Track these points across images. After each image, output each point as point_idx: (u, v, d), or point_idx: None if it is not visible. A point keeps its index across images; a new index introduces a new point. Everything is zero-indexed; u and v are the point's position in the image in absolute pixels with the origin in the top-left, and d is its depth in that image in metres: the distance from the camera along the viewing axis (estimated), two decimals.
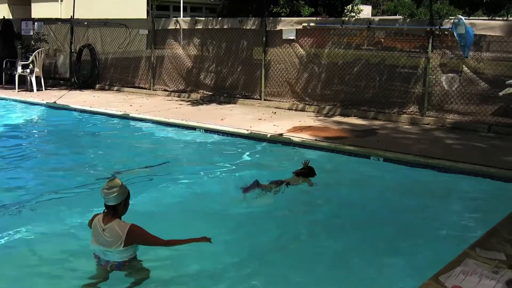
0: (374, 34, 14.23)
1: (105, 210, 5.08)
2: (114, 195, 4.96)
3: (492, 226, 6.01)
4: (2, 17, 21.03)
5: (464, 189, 8.24)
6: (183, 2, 45.99)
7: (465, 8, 36.85)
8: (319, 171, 8.31)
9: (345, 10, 51.93)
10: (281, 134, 10.76)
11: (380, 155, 9.37)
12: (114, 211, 5.03)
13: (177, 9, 43.84)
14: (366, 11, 68.66)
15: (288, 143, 10.40)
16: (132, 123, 12.88)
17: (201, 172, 8.95)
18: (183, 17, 27.90)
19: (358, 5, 66.23)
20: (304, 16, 30.29)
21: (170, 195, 7.97)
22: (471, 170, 8.55)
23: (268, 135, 10.73)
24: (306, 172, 8.22)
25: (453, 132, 11.39)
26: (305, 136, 10.59)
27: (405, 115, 12.61)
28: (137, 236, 5.01)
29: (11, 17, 25.58)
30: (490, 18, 31.18)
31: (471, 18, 23.74)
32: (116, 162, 9.81)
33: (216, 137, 11.31)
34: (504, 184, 8.12)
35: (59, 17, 19.89)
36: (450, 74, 12.33)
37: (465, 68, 11.99)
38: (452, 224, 6.87)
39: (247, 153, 10.12)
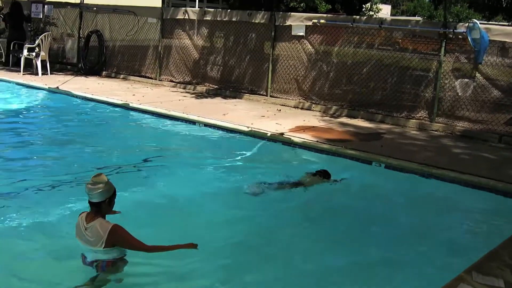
0: (392, 34, 13.77)
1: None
2: (98, 191, 4.78)
3: (493, 247, 5.62)
4: None
5: (467, 204, 7.79)
6: None
7: (485, 12, 36.26)
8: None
9: (363, 9, 51.48)
10: (282, 134, 10.37)
11: (382, 161, 8.95)
12: (98, 209, 4.85)
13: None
14: (385, 10, 68.17)
15: (289, 143, 10.01)
16: (132, 113, 12.55)
17: (193, 169, 8.64)
18: (198, 7, 27.43)
19: (378, 4, 65.77)
20: (321, 13, 29.77)
21: (158, 191, 7.67)
22: (476, 183, 8.10)
23: (268, 134, 10.34)
24: (322, 174, 8.17)
25: (462, 141, 10.94)
26: (306, 137, 10.18)
27: (414, 120, 12.16)
28: (118, 238, 4.79)
29: None
30: (510, 23, 30.52)
31: (487, 22, 23.19)
32: (107, 153, 9.52)
33: (215, 132, 10.95)
34: (510, 200, 7.65)
35: (81, 1, 19.48)
36: (464, 79, 11.85)
37: (478, 74, 11.51)
38: (449, 242, 6.41)
39: (244, 151, 9.75)
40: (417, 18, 43.23)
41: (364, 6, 51.38)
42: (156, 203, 7.18)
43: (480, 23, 11.65)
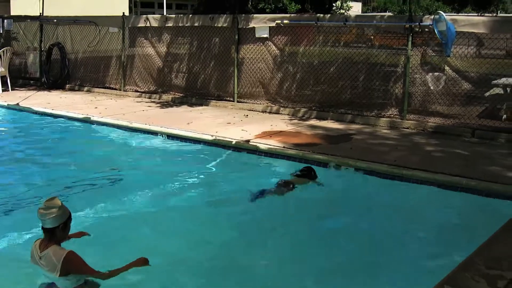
0: (364, 31, 13.43)
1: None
2: (51, 216, 4.53)
3: (468, 253, 5.24)
4: None
5: (440, 206, 7.39)
6: None
7: (454, 5, 36.27)
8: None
9: (334, 7, 51.23)
10: (247, 141, 9.94)
11: (350, 164, 8.56)
12: (51, 235, 4.60)
13: (162, 6, 42.95)
14: (356, 8, 68.05)
15: (254, 150, 9.59)
16: (93, 127, 12.07)
17: (153, 183, 8.19)
18: (166, 14, 27.02)
19: (348, 2, 65.62)
20: (291, 13, 29.40)
21: (119, 207, 7.29)
22: (449, 182, 7.73)
23: (233, 142, 9.91)
24: (306, 173, 8.05)
25: (434, 137, 10.58)
26: (273, 143, 9.76)
27: (384, 119, 11.79)
28: (73, 266, 4.55)
29: None
30: (479, 14, 30.41)
31: (456, 14, 23.02)
32: (66, 170, 9.09)
33: (178, 143, 10.52)
34: (485, 200, 7.29)
35: (40, 14, 18.98)
36: (435, 73, 11.52)
37: (447, 67, 11.18)
38: (419, 251, 6.01)
39: (209, 162, 9.33)
40: (387, 13, 43.11)
41: (334, 4, 51.18)
42: (116, 219, 6.85)
43: (448, 15, 11.33)
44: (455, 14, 24.35)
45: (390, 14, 36.59)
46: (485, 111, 11.22)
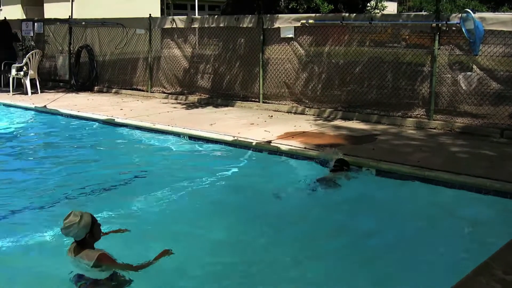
0: (399, 31, 13.17)
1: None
2: (75, 232, 4.75)
3: (485, 258, 5.01)
4: (4, 18, 20.40)
5: (463, 208, 7.15)
6: (202, 1, 45.22)
7: (490, 3, 35.58)
8: (305, 185, 7.92)
9: (368, 7, 50.78)
10: (269, 142, 9.80)
11: (372, 165, 8.35)
12: (83, 244, 4.83)
13: (194, 7, 43.02)
14: (391, 8, 67.29)
15: (275, 151, 9.44)
16: (117, 129, 12.05)
17: (175, 185, 8.09)
18: (199, 15, 27.04)
19: (383, 2, 65.00)
20: (323, 14, 29.18)
21: (139, 209, 7.22)
22: (473, 184, 7.47)
23: (254, 143, 9.77)
24: (340, 166, 8.20)
25: (461, 138, 10.30)
26: (294, 144, 9.61)
27: (411, 119, 11.54)
28: (104, 265, 4.82)
29: (24, 17, 25.21)
30: None
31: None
32: (88, 171, 9.10)
33: (199, 144, 10.43)
34: (509, 202, 7.01)
35: (73, 17, 19.20)
36: (468, 73, 11.22)
37: (474, 67, 10.87)
38: (439, 254, 5.80)
39: (229, 163, 9.18)
40: (416, 13, 42.54)
41: (368, 4, 50.70)
42: (135, 218, 6.84)
43: (478, 14, 11.04)
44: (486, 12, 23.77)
45: (419, 13, 36.07)
46: None
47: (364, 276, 5.41)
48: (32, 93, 16.98)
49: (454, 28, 11.06)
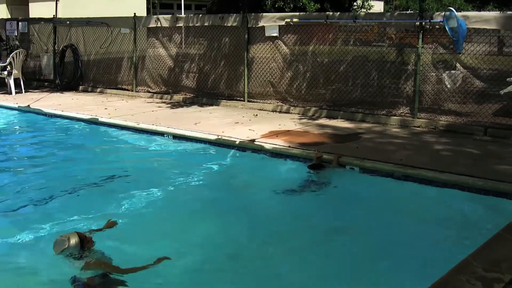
0: (385, 30, 13.19)
1: None
2: (67, 254, 5.01)
3: (466, 255, 5.01)
4: None
5: (446, 206, 7.16)
6: (188, 0, 45.08)
7: (475, 2, 35.69)
8: (288, 183, 7.96)
9: (355, 6, 50.85)
10: (252, 140, 9.77)
11: (355, 164, 8.35)
12: None
13: (181, 7, 42.92)
14: (378, 7, 67.46)
15: (258, 150, 9.41)
16: (101, 128, 11.99)
17: (159, 184, 8.08)
18: (186, 15, 26.97)
19: (369, 1, 65.13)
20: (309, 12, 29.17)
21: (123, 208, 7.17)
22: (456, 181, 7.48)
23: (237, 142, 9.74)
24: (318, 164, 8.35)
25: (445, 136, 10.33)
26: (278, 142, 9.58)
27: (395, 117, 11.55)
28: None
29: (9, 17, 25.00)
30: (502, 12, 29.84)
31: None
32: (72, 171, 9.02)
33: (184, 143, 10.38)
34: (491, 199, 7.03)
35: (57, 16, 19.09)
36: (452, 71, 11.26)
37: (458, 65, 10.91)
38: (418, 253, 5.79)
39: (212, 162, 9.17)
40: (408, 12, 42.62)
41: (355, 3, 50.78)
42: (119, 218, 6.68)
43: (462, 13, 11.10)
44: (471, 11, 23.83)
45: (403, 12, 36.07)
46: (501, 109, 10.91)
47: (344, 272, 5.41)
48: (16, 92, 16.87)
49: (437, 27, 11.11)
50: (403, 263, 5.61)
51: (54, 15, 19.02)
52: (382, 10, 68.29)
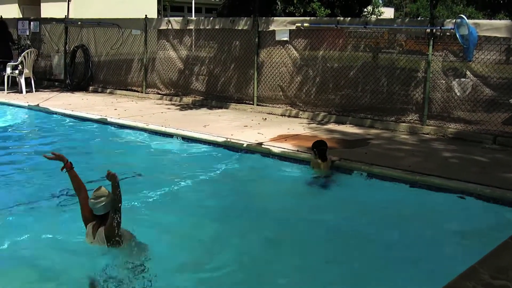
0: (395, 36, 13.23)
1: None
2: (101, 204, 5.11)
3: (473, 263, 5.00)
4: (0, 17, 20.34)
5: (453, 213, 7.16)
6: (199, 3, 45.25)
7: (486, 10, 35.61)
8: (295, 187, 8.08)
9: (365, 12, 50.90)
10: (260, 144, 9.80)
11: (364, 169, 8.36)
12: (103, 219, 5.22)
13: (191, 10, 43.08)
14: (388, 14, 67.62)
15: (267, 153, 9.43)
16: (110, 128, 12.03)
17: (166, 185, 8.07)
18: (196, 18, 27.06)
19: (380, 8, 65.20)
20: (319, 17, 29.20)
21: (131, 209, 7.09)
22: (463, 189, 7.48)
23: (245, 145, 9.77)
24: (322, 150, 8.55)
25: (454, 143, 10.33)
26: (287, 146, 9.61)
27: (404, 124, 11.56)
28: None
29: (21, 16, 25.15)
30: None
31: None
32: (80, 170, 8.93)
33: (192, 145, 10.42)
34: (499, 207, 7.03)
35: (69, 16, 19.19)
36: (462, 79, 11.25)
37: (468, 73, 10.90)
38: (428, 258, 5.79)
39: (220, 164, 9.17)
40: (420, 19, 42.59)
41: (365, 9, 50.85)
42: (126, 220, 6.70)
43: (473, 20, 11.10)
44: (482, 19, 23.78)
45: (414, 19, 36.06)
46: (511, 118, 10.88)
47: (350, 277, 5.41)
48: (26, 91, 16.95)
49: (448, 34, 11.11)
50: (409, 268, 5.61)
51: (65, 16, 19.10)
52: (392, 17, 68.39)
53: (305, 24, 12.92)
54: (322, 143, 8.67)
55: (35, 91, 17.30)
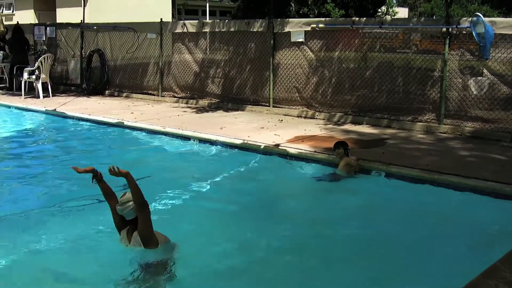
0: (410, 36, 13.22)
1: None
2: (130, 209, 5.12)
3: (494, 261, 4.99)
4: (16, 23, 20.56)
5: (472, 212, 7.13)
6: (214, 6, 45.36)
7: (502, 9, 35.40)
8: (315, 188, 8.15)
9: (379, 13, 50.74)
10: (277, 145, 9.82)
11: (381, 169, 8.36)
12: (136, 224, 5.23)
13: (206, 13, 43.20)
14: (402, 14, 67.28)
15: (284, 155, 9.46)
16: (127, 131, 12.12)
17: (184, 187, 8.09)
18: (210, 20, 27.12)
19: (394, 8, 64.92)
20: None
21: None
22: (482, 187, 7.46)
23: (262, 146, 9.79)
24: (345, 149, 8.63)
25: (471, 142, 10.29)
26: (304, 147, 9.63)
27: (421, 123, 11.53)
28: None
29: (37, 22, 25.33)
30: None
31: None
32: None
33: (209, 147, 10.46)
34: None
35: (84, 21, 19.33)
36: (479, 77, 11.20)
37: (485, 71, 10.86)
38: (448, 257, 5.78)
39: (238, 166, 9.20)
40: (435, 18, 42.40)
41: (379, 10, 50.69)
42: None
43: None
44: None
45: (429, 18, 35.92)
46: None
47: (371, 277, 5.41)
48: (43, 96, 17.08)
49: (464, 32, 11.06)
50: (429, 267, 5.60)
51: (81, 20, 19.25)
52: (406, 16, 68.05)
53: (320, 25, 12.93)
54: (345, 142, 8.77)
55: (52, 96, 17.41)
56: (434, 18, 22.49)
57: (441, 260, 5.74)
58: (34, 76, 17.14)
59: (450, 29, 11.10)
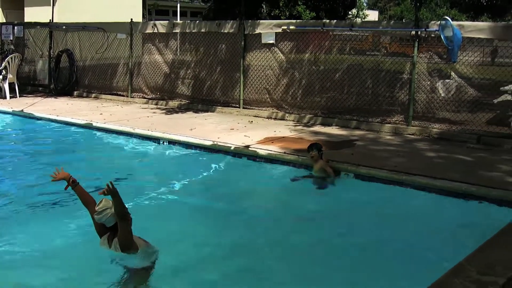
0: (380, 39, 13.34)
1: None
2: (108, 216, 5.01)
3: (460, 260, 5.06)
4: None
5: (439, 212, 7.23)
6: (184, 7, 45.21)
7: (470, 13, 35.91)
8: (284, 189, 8.15)
9: (350, 15, 51.13)
10: (247, 146, 9.81)
11: (350, 170, 8.41)
12: (116, 230, 5.11)
13: (177, 13, 43.01)
14: (373, 16, 67.97)
15: (254, 156, 9.46)
16: (95, 133, 12.00)
17: (153, 189, 8.10)
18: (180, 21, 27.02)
19: (364, 10, 65.50)
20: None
21: None
22: (449, 188, 7.55)
23: (232, 147, 9.78)
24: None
25: (438, 143, 10.41)
26: (273, 149, 9.63)
27: (389, 125, 11.63)
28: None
29: (4, 21, 24.97)
30: (497, 22, 30.04)
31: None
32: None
33: (179, 149, 10.42)
34: (484, 205, 7.11)
35: (54, 21, 19.07)
36: (446, 80, 11.35)
37: (453, 74, 11.01)
38: (416, 257, 5.85)
39: (208, 167, 9.20)
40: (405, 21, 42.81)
41: (350, 12, 51.10)
42: None
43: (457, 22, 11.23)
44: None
45: (399, 21, 36.36)
46: (495, 117, 10.99)
47: (339, 277, 5.44)
48: (10, 97, 16.82)
49: (433, 36, 11.20)
50: (397, 266, 5.66)
51: (50, 20, 19.01)
52: (377, 19, 68.63)
53: (291, 27, 12.95)
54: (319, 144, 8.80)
55: (19, 96, 17.16)
56: (404, 21, 22.65)
57: (408, 260, 5.81)
58: (0, 76, 16.87)
59: (419, 32, 11.23)
